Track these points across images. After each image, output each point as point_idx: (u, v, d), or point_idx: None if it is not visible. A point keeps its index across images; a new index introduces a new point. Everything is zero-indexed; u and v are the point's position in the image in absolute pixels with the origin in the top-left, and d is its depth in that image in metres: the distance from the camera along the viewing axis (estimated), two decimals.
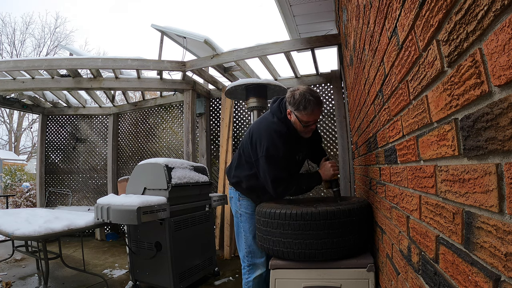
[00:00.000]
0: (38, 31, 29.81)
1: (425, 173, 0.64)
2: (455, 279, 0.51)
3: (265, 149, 1.59)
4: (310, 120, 1.60)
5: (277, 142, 1.59)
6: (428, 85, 0.58)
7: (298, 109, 1.57)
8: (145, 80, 4.03)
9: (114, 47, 39.55)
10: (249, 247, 1.79)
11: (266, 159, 1.59)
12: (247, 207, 1.84)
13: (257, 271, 1.77)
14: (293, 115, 1.62)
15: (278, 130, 1.62)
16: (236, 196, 1.88)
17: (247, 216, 1.83)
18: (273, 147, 1.59)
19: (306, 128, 1.63)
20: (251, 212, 1.82)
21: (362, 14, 1.27)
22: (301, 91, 1.57)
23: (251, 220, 1.81)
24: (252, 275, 1.77)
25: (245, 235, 1.82)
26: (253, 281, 1.76)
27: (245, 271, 1.80)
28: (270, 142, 1.59)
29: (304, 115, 1.57)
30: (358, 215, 1.41)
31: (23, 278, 3.00)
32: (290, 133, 1.66)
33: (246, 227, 1.82)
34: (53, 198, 5.25)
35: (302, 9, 3.14)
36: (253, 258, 1.78)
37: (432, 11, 0.52)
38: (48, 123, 5.39)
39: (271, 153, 1.58)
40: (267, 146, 1.59)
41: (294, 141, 1.69)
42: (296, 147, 1.73)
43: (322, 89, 3.83)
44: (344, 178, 3.45)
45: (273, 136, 1.60)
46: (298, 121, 1.61)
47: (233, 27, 56.02)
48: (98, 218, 2.38)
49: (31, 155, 18.47)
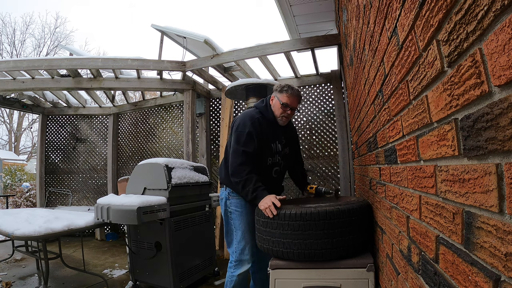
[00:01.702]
0: (38, 31, 29.86)
1: (425, 173, 0.64)
2: (455, 279, 0.51)
3: (236, 127, 1.84)
4: (288, 103, 1.84)
5: (247, 121, 1.82)
6: (428, 85, 0.58)
7: (280, 92, 1.85)
8: (145, 80, 4.03)
9: (114, 47, 39.58)
10: (238, 243, 1.87)
11: (235, 135, 1.82)
12: (237, 205, 1.90)
13: (243, 267, 1.85)
14: (275, 99, 1.88)
15: (250, 114, 1.87)
16: (226, 196, 1.95)
17: (237, 213, 1.89)
18: (242, 125, 1.82)
19: (283, 110, 1.85)
20: (240, 210, 1.89)
21: (362, 14, 1.27)
22: (287, 83, 1.90)
23: (241, 217, 1.87)
24: (237, 271, 1.84)
25: (235, 232, 1.89)
26: (238, 277, 1.84)
27: (231, 265, 1.88)
28: (241, 122, 1.84)
29: (284, 97, 1.84)
30: (358, 215, 1.41)
31: (23, 278, 3.00)
32: (264, 119, 1.87)
33: (236, 224, 1.89)
34: (53, 198, 5.25)
35: (302, 9, 3.14)
36: (241, 254, 1.85)
37: (432, 11, 0.52)
38: (48, 123, 5.39)
39: (239, 130, 1.81)
40: (238, 124, 1.84)
41: (269, 128, 1.88)
42: (271, 133, 1.89)
43: (322, 89, 3.83)
44: (344, 178, 3.45)
45: (245, 117, 1.85)
46: (278, 102, 1.85)
47: (233, 27, 56.04)
48: (98, 218, 2.38)
49: (31, 155, 18.48)
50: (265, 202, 1.55)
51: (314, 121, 3.83)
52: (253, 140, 1.78)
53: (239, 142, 1.77)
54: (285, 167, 2.04)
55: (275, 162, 1.93)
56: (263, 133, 1.83)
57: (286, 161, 2.01)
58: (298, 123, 3.90)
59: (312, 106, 3.85)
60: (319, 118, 3.81)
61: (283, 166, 2.00)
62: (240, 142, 1.77)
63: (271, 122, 1.89)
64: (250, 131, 1.78)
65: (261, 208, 1.56)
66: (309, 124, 3.85)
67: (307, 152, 3.81)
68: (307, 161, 3.77)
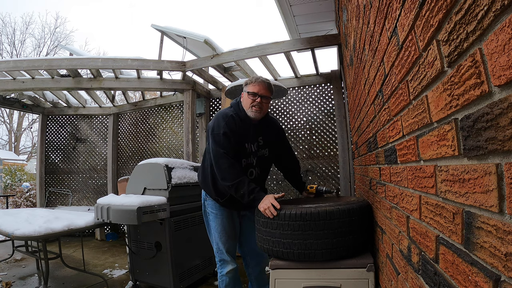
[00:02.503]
0: (38, 31, 29.87)
1: (425, 173, 0.64)
2: (455, 279, 0.51)
3: (211, 129, 1.79)
4: (255, 91, 1.79)
5: (221, 121, 1.77)
6: (428, 85, 0.58)
7: (246, 84, 1.84)
8: (145, 80, 4.03)
9: (114, 47, 39.57)
10: (216, 244, 1.89)
11: (211, 137, 1.77)
12: (212, 206, 1.91)
13: (228, 266, 1.86)
14: (244, 93, 1.85)
15: (224, 112, 1.83)
16: (204, 197, 1.96)
17: (213, 215, 1.91)
18: (217, 126, 1.77)
19: (252, 100, 1.79)
20: (215, 212, 1.90)
21: (362, 14, 1.27)
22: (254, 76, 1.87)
23: (216, 219, 1.89)
24: (224, 270, 1.86)
25: (213, 233, 1.91)
26: (227, 276, 1.85)
27: (218, 265, 1.90)
28: (215, 122, 1.79)
29: (250, 86, 1.81)
30: (358, 215, 1.41)
31: (23, 278, 3.00)
32: (238, 117, 1.81)
33: (213, 225, 1.91)
34: (53, 198, 5.25)
35: (302, 9, 3.14)
36: (221, 254, 1.87)
37: (432, 11, 0.52)
38: (48, 123, 5.39)
39: (215, 132, 1.76)
40: (213, 126, 1.79)
41: (242, 127, 1.81)
42: (244, 136, 1.82)
43: (322, 89, 3.83)
44: (344, 178, 3.45)
45: (218, 117, 1.81)
46: (246, 94, 1.82)
47: (233, 27, 56.03)
48: (98, 218, 2.38)
49: (31, 155, 18.47)
50: (264, 204, 1.52)
51: (314, 121, 3.83)
52: (230, 140, 1.73)
53: (219, 144, 1.71)
54: (264, 170, 1.94)
55: (250, 163, 1.85)
56: (236, 132, 1.77)
57: (264, 164, 1.92)
58: (298, 123, 3.91)
59: (312, 106, 3.85)
60: (319, 118, 3.81)
61: (261, 169, 1.91)
62: (219, 144, 1.71)
63: (245, 121, 1.82)
64: (225, 132, 1.72)
65: (260, 210, 1.54)
66: (309, 124, 3.85)
67: (307, 152, 3.81)
68: (307, 161, 3.77)
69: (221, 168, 1.69)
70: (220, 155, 1.70)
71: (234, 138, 1.75)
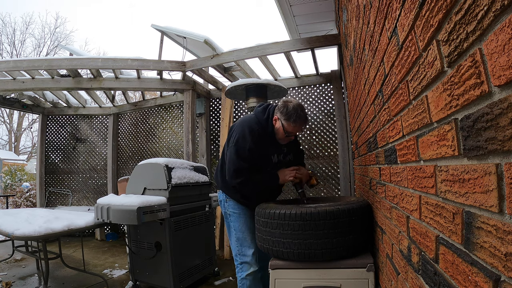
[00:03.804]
0: (38, 31, 29.87)
1: (425, 173, 0.64)
2: (455, 279, 0.51)
3: (235, 140, 1.74)
4: (293, 132, 1.78)
5: (247, 135, 1.73)
6: (428, 85, 0.58)
7: (287, 119, 1.73)
8: (145, 80, 4.03)
9: (114, 47, 39.56)
10: (239, 246, 1.85)
11: (234, 149, 1.73)
12: (234, 206, 1.90)
13: (249, 269, 1.81)
14: (279, 122, 1.77)
15: (251, 126, 1.77)
16: (224, 198, 1.94)
17: (236, 215, 1.89)
18: (242, 139, 1.73)
19: (286, 137, 1.80)
20: (238, 212, 1.88)
21: (362, 14, 1.27)
22: (294, 105, 1.75)
23: (240, 219, 1.87)
24: (244, 273, 1.81)
25: (235, 234, 1.88)
26: (247, 278, 1.80)
27: (238, 269, 1.85)
28: (240, 134, 1.74)
29: (291, 127, 1.75)
30: (358, 215, 1.41)
31: (23, 278, 3.00)
32: (264, 132, 1.79)
33: (236, 226, 1.88)
34: (53, 198, 5.25)
35: (302, 9, 3.14)
36: (243, 256, 1.83)
37: (432, 11, 0.52)
38: (48, 123, 5.39)
39: (240, 144, 1.73)
40: (238, 137, 1.74)
41: (267, 140, 1.81)
42: (270, 148, 1.84)
43: (322, 89, 3.83)
44: (344, 178, 3.45)
45: (245, 129, 1.75)
46: (282, 129, 1.76)
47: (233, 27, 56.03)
48: (98, 218, 2.38)
49: (31, 155, 18.47)
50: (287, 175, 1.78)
51: (314, 121, 3.83)
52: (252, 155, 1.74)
53: (242, 158, 1.72)
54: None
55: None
56: (262, 148, 1.78)
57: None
58: None
59: (312, 106, 3.85)
60: (319, 118, 3.81)
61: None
62: (242, 158, 1.72)
63: (271, 136, 1.82)
64: (251, 148, 1.72)
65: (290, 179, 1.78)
66: (309, 124, 3.85)
67: (307, 152, 3.81)
68: (307, 161, 3.77)
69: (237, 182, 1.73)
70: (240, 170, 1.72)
71: (259, 152, 1.77)
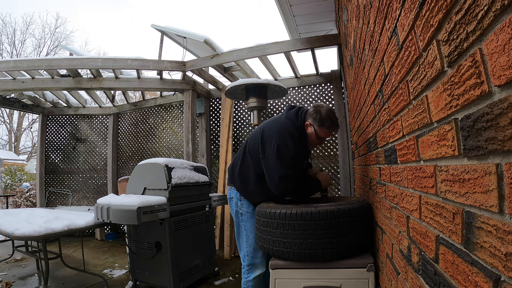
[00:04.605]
0: (39, 31, 29.88)
1: (425, 173, 0.64)
2: (455, 279, 0.51)
3: (276, 147, 1.65)
4: (325, 138, 1.77)
5: (289, 142, 1.67)
6: (428, 85, 0.58)
7: (321, 126, 1.71)
8: (145, 80, 4.02)
9: (114, 47, 39.60)
10: (250, 247, 1.80)
11: (276, 156, 1.65)
12: (248, 206, 1.84)
13: (257, 271, 1.78)
14: (311, 128, 1.74)
15: (291, 132, 1.71)
16: (237, 196, 1.87)
17: (248, 215, 1.83)
18: (284, 146, 1.66)
19: (318, 143, 1.80)
20: (252, 211, 1.82)
21: (362, 14, 1.27)
22: (326, 110, 1.72)
23: (252, 219, 1.81)
24: (251, 275, 1.77)
25: (246, 235, 1.82)
26: (253, 281, 1.77)
27: (244, 270, 1.81)
28: (282, 141, 1.67)
29: (324, 132, 1.73)
30: (358, 215, 1.41)
31: (23, 278, 2.99)
32: (301, 138, 1.75)
33: (247, 226, 1.82)
34: (53, 198, 5.25)
35: (302, 9, 3.14)
36: (253, 258, 1.79)
37: (432, 11, 0.52)
38: (48, 123, 5.39)
39: (282, 152, 1.65)
40: (279, 144, 1.66)
41: (302, 147, 1.79)
42: (302, 154, 1.83)
43: (322, 89, 3.83)
44: (344, 178, 3.45)
45: (286, 136, 1.68)
46: (315, 135, 1.73)
47: (233, 27, 56.02)
48: (98, 218, 2.38)
49: (31, 155, 18.47)
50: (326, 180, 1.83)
51: None
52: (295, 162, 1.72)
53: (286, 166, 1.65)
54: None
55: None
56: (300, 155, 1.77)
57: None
58: None
59: None
60: None
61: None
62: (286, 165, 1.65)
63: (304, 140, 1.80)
64: (295, 155, 1.68)
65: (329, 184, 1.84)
66: None
67: None
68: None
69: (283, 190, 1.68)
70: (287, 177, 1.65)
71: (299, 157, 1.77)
